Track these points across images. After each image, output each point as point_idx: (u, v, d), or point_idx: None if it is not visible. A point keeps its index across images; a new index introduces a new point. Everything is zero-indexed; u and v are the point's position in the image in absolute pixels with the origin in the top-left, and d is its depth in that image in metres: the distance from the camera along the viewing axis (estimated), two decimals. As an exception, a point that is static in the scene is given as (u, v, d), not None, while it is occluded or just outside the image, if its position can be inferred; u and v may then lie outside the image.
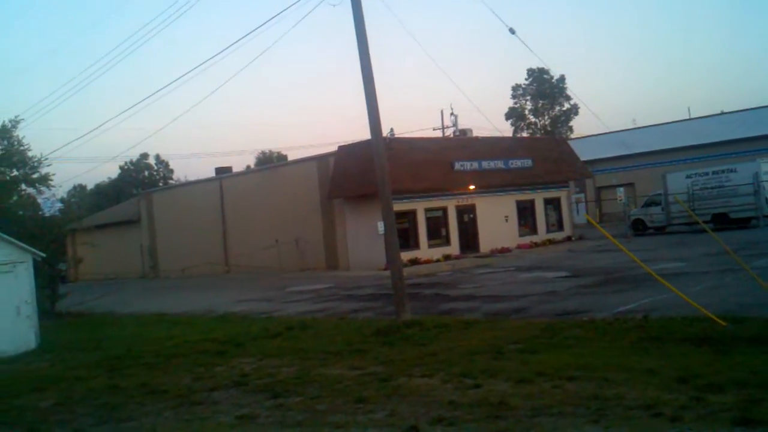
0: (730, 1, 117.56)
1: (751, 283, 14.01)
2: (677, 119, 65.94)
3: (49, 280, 24.60)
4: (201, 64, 76.09)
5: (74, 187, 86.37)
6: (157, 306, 25.58)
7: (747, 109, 59.55)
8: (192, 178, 67.69)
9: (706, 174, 37.71)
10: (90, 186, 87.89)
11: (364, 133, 53.10)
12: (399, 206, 26.37)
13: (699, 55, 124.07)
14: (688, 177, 38.16)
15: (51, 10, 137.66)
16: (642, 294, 16.56)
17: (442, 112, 70.63)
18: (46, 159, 26.44)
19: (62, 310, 25.04)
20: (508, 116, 78.86)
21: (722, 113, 63.43)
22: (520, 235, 37.54)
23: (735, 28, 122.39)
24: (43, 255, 18.61)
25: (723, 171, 37.09)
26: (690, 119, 65.78)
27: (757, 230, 33.56)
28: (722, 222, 35.84)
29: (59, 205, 32.55)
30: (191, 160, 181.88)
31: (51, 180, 26.57)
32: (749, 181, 35.14)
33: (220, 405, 9.72)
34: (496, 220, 36.54)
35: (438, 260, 32.56)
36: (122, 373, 12.66)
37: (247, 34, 37.50)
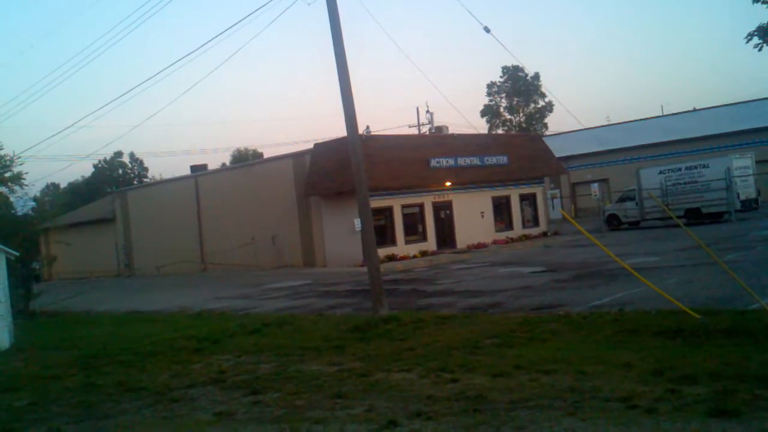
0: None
1: (723, 277, 14.19)
2: (650, 116, 66.69)
3: (23, 279, 24.33)
4: (176, 62, 75.64)
5: (47, 186, 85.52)
6: (133, 304, 25.40)
7: (719, 106, 60.51)
8: (167, 176, 67.32)
9: (679, 170, 38.18)
10: (63, 184, 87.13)
11: (340, 131, 53.10)
12: (376, 203, 26.42)
13: (672, 52, 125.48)
14: (661, 173, 38.61)
15: (21, 8, 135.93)
16: (617, 288, 16.73)
17: (417, 109, 71.51)
18: (19, 157, 26.12)
19: (36, 309, 24.76)
20: (483, 113, 79.29)
21: (695, 110, 64.28)
22: (496, 231, 37.79)
23: (708, 26, 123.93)
24: (16, 254, 18.39)
25: (695, 167, 37.56)
26: (663, 116, 66.57)
27: (729, 225, 34.04)
28: (695, 217, 36.34)
29: (32, 203, 32.09)
30: (166, 158, 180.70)
31: (23, 179, 26.23)
32: (721, 177, 35.64)
33: (198, 402, 9.67)
34: (473, 216, 36.71)
35: (415, 256, 32.63)
36: (98, 371, 12.53)
37: (223, 32, 37.42)
